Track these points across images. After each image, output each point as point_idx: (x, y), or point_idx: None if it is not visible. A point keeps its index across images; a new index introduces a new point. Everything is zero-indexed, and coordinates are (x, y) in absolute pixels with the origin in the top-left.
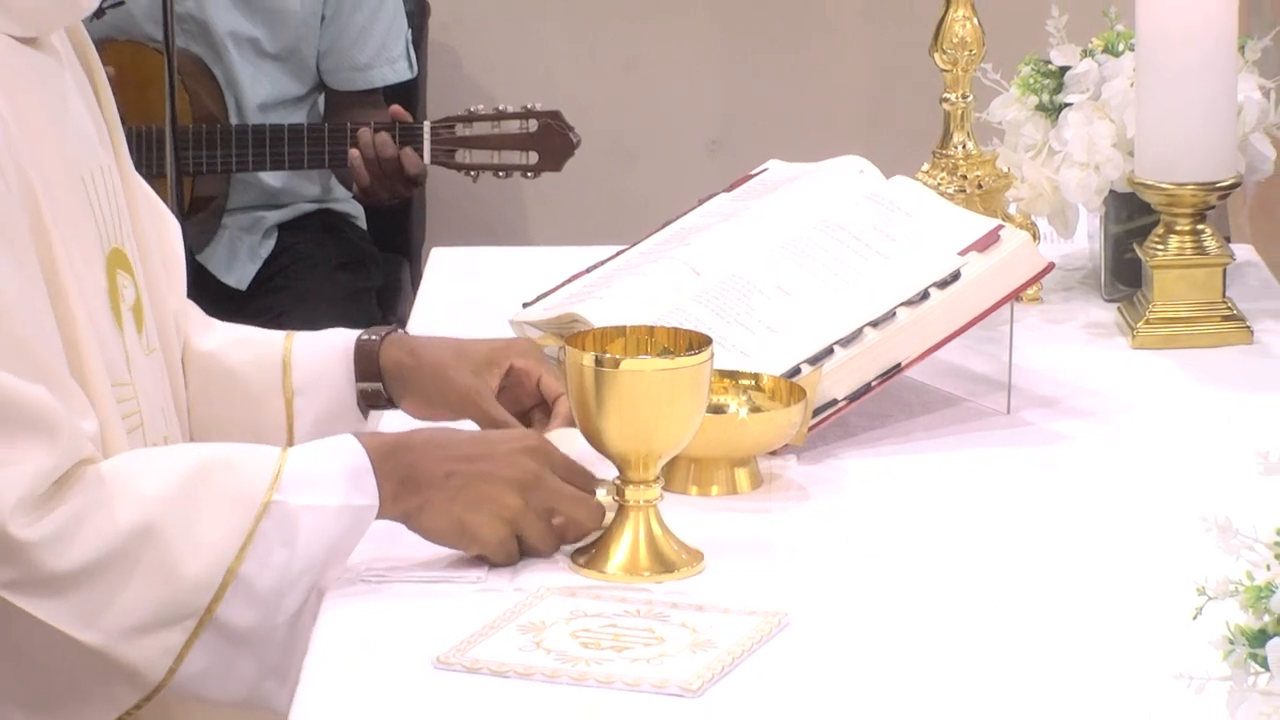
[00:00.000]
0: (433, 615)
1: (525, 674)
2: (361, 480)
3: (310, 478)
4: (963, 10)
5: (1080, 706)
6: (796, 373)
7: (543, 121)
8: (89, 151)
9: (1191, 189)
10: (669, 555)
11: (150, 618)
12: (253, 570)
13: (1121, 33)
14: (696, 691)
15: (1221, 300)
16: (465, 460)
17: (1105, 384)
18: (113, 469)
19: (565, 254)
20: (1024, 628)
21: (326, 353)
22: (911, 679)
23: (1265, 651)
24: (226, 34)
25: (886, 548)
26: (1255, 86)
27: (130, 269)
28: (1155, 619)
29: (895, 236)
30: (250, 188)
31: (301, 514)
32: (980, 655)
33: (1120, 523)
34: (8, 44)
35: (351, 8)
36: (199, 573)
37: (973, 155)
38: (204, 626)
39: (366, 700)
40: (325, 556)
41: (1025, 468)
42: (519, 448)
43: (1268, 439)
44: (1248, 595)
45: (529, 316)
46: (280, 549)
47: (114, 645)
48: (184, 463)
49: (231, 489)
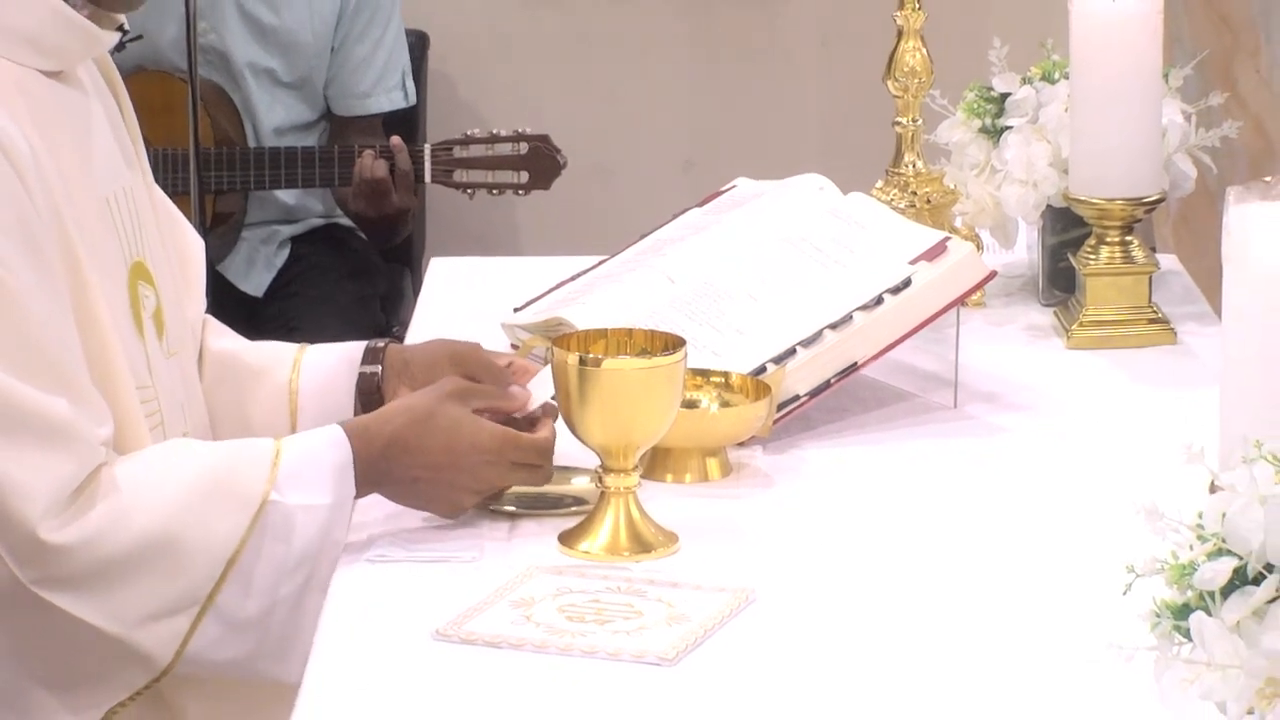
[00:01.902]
0: (431, 592)
1: (516, 645)
2: (346, 474)
3: (304, 475)
4: (913, 42)
5: (1021, 673)
6: (762, 371)
7: (533, 144)
8: (113, 174)
9: (1120, 204)
10: (647, 537)
11: (161, 607)
12: (250, 562)
13: (1057, 62)
14: (672, 661)
15: (1148, 305)
16: (432, 469)
17: (1043, 381)
18: (129, 476)
19: (552, 264)
20: (969, 602)
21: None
22: (867, 649)
23: (1188, 624)
24: (245, 65)
25: (845, 530)
26: (1178, 111)
27: (151, 280)
28: (1089, 595)
29: (852, 247)
30: (266, 204)
31: (297, 512)
32: (929, 628)
33: (1056, 507)
34: (36, 78)
35: (355, 40)
36: (203, 566)
37: (922, 173)
38: (205, 612)
39: (372, 669)
40: (319, 548)
41: (970, 457)
42: (483, 461)
43: (1190, 432)
44: (1172, 573)
45: (519, 320)
46: (277, 544)
47: (130, 633)
48: (192, 468)
49: (233, 490)
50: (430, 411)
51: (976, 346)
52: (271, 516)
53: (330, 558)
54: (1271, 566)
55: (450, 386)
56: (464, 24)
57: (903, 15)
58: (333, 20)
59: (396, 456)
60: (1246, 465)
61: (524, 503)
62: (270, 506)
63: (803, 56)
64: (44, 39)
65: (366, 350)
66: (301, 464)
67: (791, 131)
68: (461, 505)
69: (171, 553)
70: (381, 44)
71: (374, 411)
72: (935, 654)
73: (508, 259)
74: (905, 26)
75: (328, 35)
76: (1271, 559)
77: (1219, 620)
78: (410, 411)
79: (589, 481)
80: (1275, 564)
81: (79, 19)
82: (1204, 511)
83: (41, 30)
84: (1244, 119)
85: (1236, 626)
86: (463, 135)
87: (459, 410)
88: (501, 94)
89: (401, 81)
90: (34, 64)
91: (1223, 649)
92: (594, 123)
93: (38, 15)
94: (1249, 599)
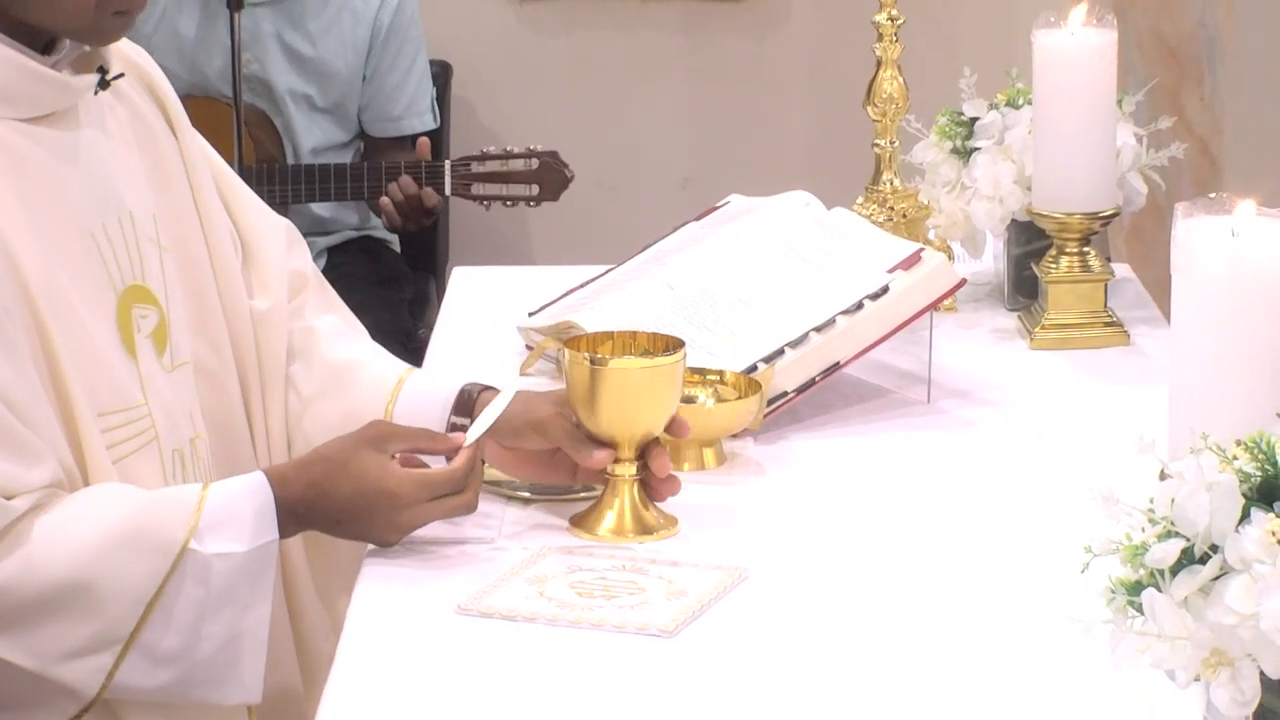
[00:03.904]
0: (454, 571)
1: (531, 618)
2: (266, 519)
3: (223, 524)
4: (890, 71)
5: (988, 642)
6: (753, 369)
7: (543, 160)
8: (104, 204)
9: (1079, 218)
10: (648, 520)
11: (81, 646)
12: (170, 602)
13: (1021, 89)
14: (672, 632)
15: (1104, 310)
16: (349, 513)
17: (1008, 379)
18: (45, 526)
19: (564, 272)
20: (942, 580)
21: (425, 416)
22: (850, 622)
23: (1140, 599)
24: (285, 91)
25: (829, 514)
26: (1131, 134)
27: (153, 299)
28: (1050, 572)
29: (835, 257)
30: (304, 217)
31: (214, 560)
32: (906, 602)
33: (1021, 493)
34: (12, 125)
35: (387, 70)
36: (123, 608)
37: (899, 190)
38: (129, 649)
39: (400, 641)
40: (238, 591)
41: (942, 448)
42: (392, 506)
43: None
44: (1126, 553)
45: (533, 323)
46: (196, 587)
47: (50, 669)
48: (114, 515)
49: (153, 539)
50: (345, 459)
51: (948, 347)
52: (189, 563)
53: (258, 596)
54: (1216, 547)
55: (371, 432)
56: (483, 55)
57: (881, 47)
58: (364, 51)
59: (315, 502)
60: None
61: (537, 489)
62: (188, 555)
63: (791, 84)
64: (16, 91)
65: (460, 395)
66: (222, 512)
67: (780, 152)
68: (388, 541)
69: (86, 597)
70: (411, 73)
71: (297, 458)
72: (911, 626)
73: (523, 268)
74: (883, 57)
75: (359, 65)
76: (1216, 540)
77: (1168, 596)
78: (325, 460)
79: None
80: (1219, 545)
81: (46, 72)
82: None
83: (9, 85)
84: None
85: (1184, 602)
86: (480, 152)
87: (371, 457)
88: (516, 117)
89: (431, 105)
90: (10, 115)
91: (1172, 622)
92: (600, 144)
93: (3, 73)
94: (1195, 577)
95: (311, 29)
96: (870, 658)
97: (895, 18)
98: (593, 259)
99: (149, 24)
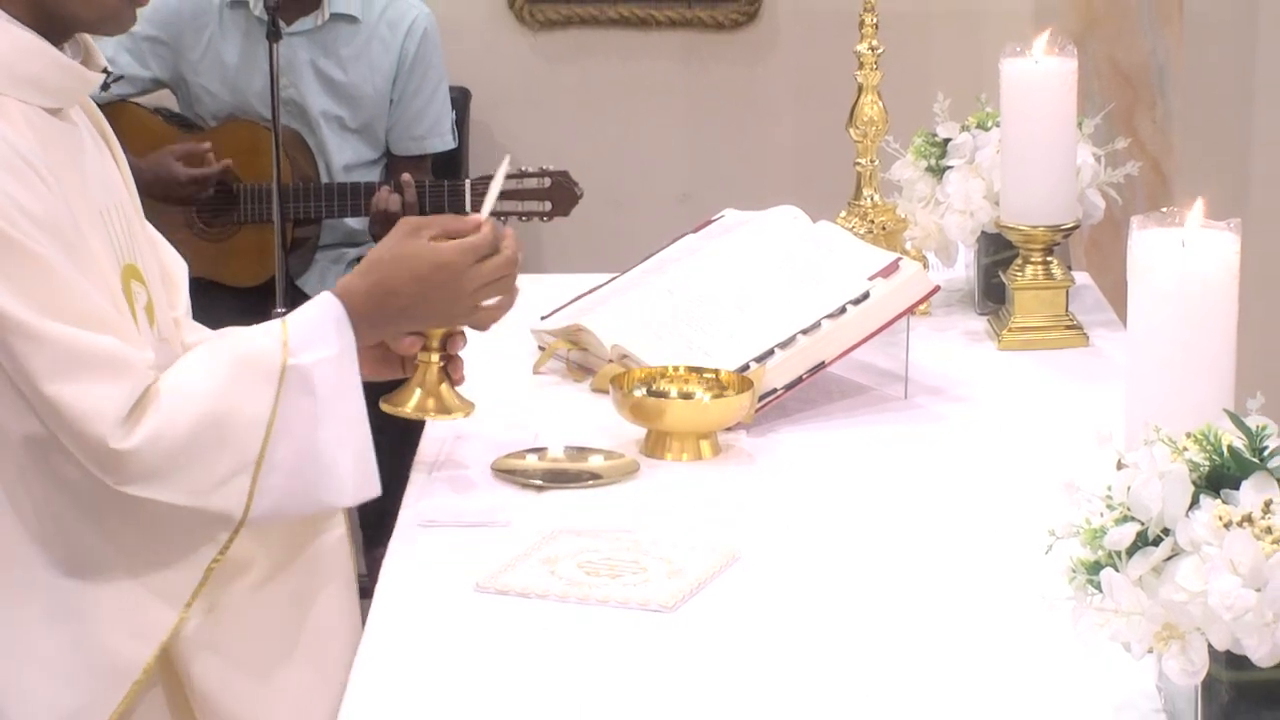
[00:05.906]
0: (472, 552)
1: (543, 595)
2: (343, 324)
3: (310, 337)
4: (871, 96)
5: (962, 616)
6: (746, 368)
7: (555, 178)
8: (105, 192)
9: (1043, 230)
10: (449, 401)
11: (224, 474)
12: (286, 419)
13: (990, 113)
14: (671, 608)
15: (1065, 314)
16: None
17: (978, 377)
18: (170, 384)
19: (572, 280)
20: (919, 561)
21: None
22: (834, 599)
23: (1099, 578)
24: (319, 114)
25: (815, 500)
26: (1090, 153)
27: (142, 279)
28: (1018, 554)
29: (820, 266)
30: (336, 229)
31: (313, 369)
32: (885, 581)
33: (990, 481)
34: (40, 114)
35: (412, 95)
36: (249, 432)
37: (878, 205)
38: (260, 467)
39: (424, 616)
40: (337, 389)
41: (919, 440)
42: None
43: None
44: (1086, 536)
45: (545, 326)
46: (303, 398)
47: (203, 500)
48: (219, 362)
49: (258, 368)
50: (394, 254)
51: (923, 348)
52: (292, 379)
53: (353, 393)
54: (1168, 531)
55: (405, 227)
56: (500, 81)
57: (862, 74)
58: (391, 77)
59: (381, 299)
60: (1147, 446)
61: (549, 479)
62: (290, 371)
63: (780, 108)
64: (47, 81)
65: None
66: (306, 329)
67: (770, 170)
68: (457, 315)
69: (217, 432)
70: (434, 98)
71: (355, 270)
72: (891, 603)
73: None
74: (864, 83)
75: (386, 89)
76: (1168, 524)
77: (1125, 575)
78: (378, 261)
79: (603, 459)
80: (1171, 529)
81: (73, 64)
82: (1112, 485)
83: (45, 74)
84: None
85: (1139, 581)
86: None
87: (415, 244)
88: (530, 138)
89: (451, 128)
90: (39, 102)
91: (1128, 599)
92: (606, 163)
93: (42, 63)
94: (1149, 558)
95: (343, 56)
96: (853, 631)
97: (875, 48)
98: (600, 268)
99: (196, 51)
